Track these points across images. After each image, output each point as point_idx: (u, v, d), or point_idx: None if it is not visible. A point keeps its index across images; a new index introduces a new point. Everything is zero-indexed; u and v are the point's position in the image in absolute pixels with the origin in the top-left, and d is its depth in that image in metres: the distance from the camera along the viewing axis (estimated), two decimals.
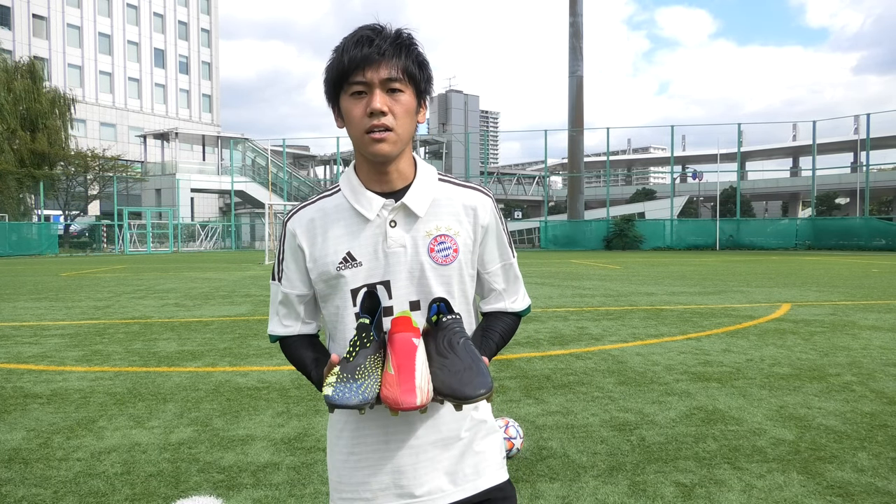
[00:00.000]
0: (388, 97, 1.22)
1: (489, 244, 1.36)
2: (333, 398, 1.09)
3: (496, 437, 1.38)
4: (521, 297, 1.44)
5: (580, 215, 39.81)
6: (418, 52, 1.27)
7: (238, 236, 45.35)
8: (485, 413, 1.37)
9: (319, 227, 1.32)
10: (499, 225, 1.38)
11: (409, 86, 1.25)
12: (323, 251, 1.31)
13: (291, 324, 1.40)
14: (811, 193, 42.19)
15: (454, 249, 1.30)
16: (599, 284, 13.46)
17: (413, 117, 1.27)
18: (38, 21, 53.44)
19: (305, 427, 3.84)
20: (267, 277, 15.97)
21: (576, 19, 39.37)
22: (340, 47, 1.24)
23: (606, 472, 3.12)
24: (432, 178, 1.34)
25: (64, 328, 7.79)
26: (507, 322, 1.41)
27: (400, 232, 1.29)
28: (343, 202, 1.32)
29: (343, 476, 1.33)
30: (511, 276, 1.41)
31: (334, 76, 1.25)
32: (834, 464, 3.20)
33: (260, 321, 8.24)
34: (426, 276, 1.29)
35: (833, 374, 5.15)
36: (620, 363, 5.57)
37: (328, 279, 1.31)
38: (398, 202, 1.29)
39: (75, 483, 3.04)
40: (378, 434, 1.30)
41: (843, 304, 9.81)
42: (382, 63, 1.21)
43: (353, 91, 1.23)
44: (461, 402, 1.10)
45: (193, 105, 65.69)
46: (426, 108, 1.32)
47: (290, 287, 1.37)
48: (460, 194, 1.34)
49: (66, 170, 40.41)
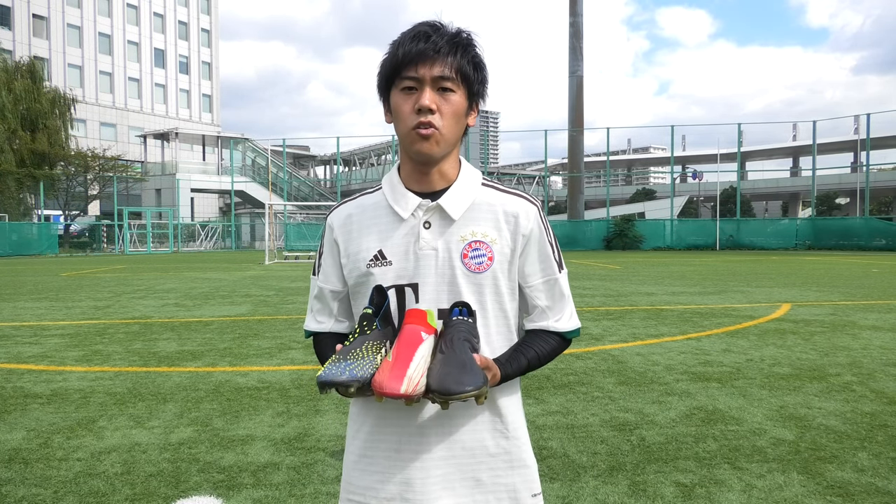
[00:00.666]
0: (438, 95, 1.19)
1: (531, 255, 1.29)
2: (321, 376, 1.07)
3: (524, 472, 1.28)
4: (568, 316, 1.32)
5: (580, 215, 39.80)
6: (475, 52, 1.23)
7: (238, 236, 45.34)
8: (513, 445, 1.28)
9: (356, 223, 1.31)
10: (543, 235, 1.30)
11: (462, 86, 1.21)
12: (356, 247, 1.29)
13: (324, 320, 1.38)
14: (811, 193, 42.19)
15: (489, 257, 1.24)
16: (599, 284, 13.46)
17: (462, 119, 1.24)
18: (39, 21, 53.43)
19: (305, 427, 3.84)
20: (267, 278, 15.99)
21: (576, 19, 39.36)
22: (397, 41, 1.21)
23: (606, 472, 3.12)
24: (475, 181, 1.29)
25: (64, 328, 7.79)
26: (546, 342, 1.30)
27: (433, 234, 1.25)
28: (382, 200, 1.30)
29: (353, 477, 1.30)
30: (556, 292, 1.31)
31: (387, 69, 1.22)
32: (834, 464, 3.20)
33: (260, 321, 8.24)
34: (457, 282, 1.24)
35: (833, 374, 5.15)
36: (620, 363, 5.57)
37: (359, 276, 1.29)
38: (434, 203, 1.25)
39: (75, 483, 3.04)
40: (391, 441, 1.26)
41: (843, 304, 9.81)
42: (437, 60, 1.18)
43: (404, 86, 1.20)
44: (445, 397, 1.06)
45: (193, 105, 65.68)
46: (477, 111, 1.28)
47: (325, 282, 1.36)
48: (502, 200, 1.28)
49: (66, 170, 40.40)
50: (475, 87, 1.24)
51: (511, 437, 1.29)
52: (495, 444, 1.27)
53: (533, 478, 1.29)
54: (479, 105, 1.28)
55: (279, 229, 37.68)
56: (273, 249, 25.77)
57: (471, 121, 1.27)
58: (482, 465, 1.26)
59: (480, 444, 1.26)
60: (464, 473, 1.25)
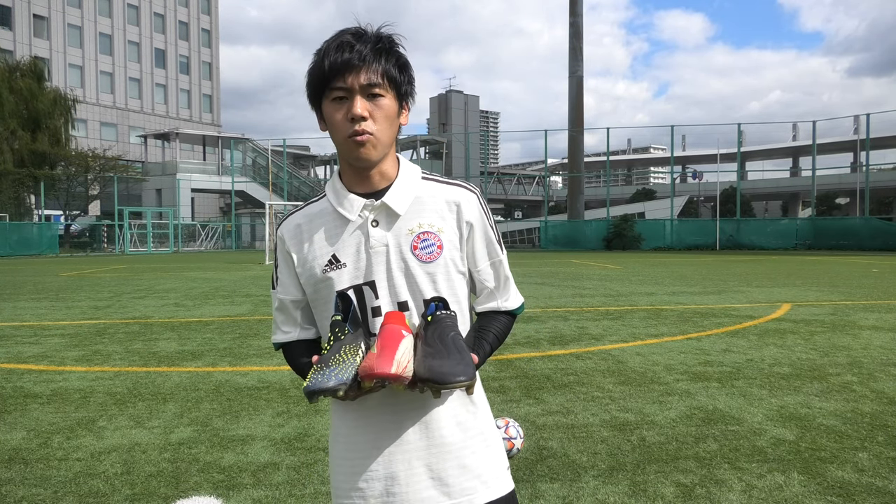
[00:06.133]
0: (368, 102, 1.22)
1: (476, 241, 1.34)
2: (308, 386, 1.10)
3: (497, 448, 1.35)
4: (513, 295, 1.41)
5: (580, 215, 39.81)
6: (399, 54, 1.27)
7: (238, 236, 45.34)
8: (484, 423, 1.34)
9: (306, 232, 1.34)
10: (485, 221, 1.35)
11: (391, 90, 1.25)
12: (310, 255, 1.32)
13: (290, 329, 1.40)
14: (811, 193, 42.19)
15: (438, 246, 1.29)
16: (599, 284, 13.46)
17: (395, 121, 1.28)
18: (39, 21, 53.45)
19: (305, 427, 3.84)
20: (267, 277, 15.98)
21: (576, 20, 39.37)
22: (322, 51, 1.24)
23: (606, 472, 3.12)
24: (415, 176, 1.33)
25: (64, 328, 7.80)
26: (501, 322, 1.38)
27: (382, 231, 1.29)
28: (327, 206, 1.34)
29: (339, 481, 1.32)
30: (501, 274, 1.38)
31: (316, 81, 1.25)
32: (834, 464, 3.20)
33: (260, 321, 8.24)
34: (412, 273, 1.27)
35: (833, 374, 5.15)
36: (620, 363, 5.57)
37: (316, 282, 1.32)
38: (378, 201, 1.29)
39: (75, 483, 3.04)
40: (369, 438, 1.28)
41: (843, 304, 9.81)
42: (363, 69, 1.21)
43: (335, 96, 1.23)
44: (439, 386, 1.09)
45: (194, 105, 65.69)
46: (408, 110, 1.32)
47: (284, 293, 1.39)
48: (443, 191, 1.33)
49: (66, 170, 40.41)
50: (403, 88, 1.28)
51: (480, 415, 1.34)
52: (470, 425, 1.31)
53: (503, 453, 1.36)
54: (409, 104, 1.32)
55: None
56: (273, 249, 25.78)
57: (403, 120, 1.31)
58: (465, 451, 1.29)
59: (458, 428, 1.30)
60: (445, 461, 1.27)
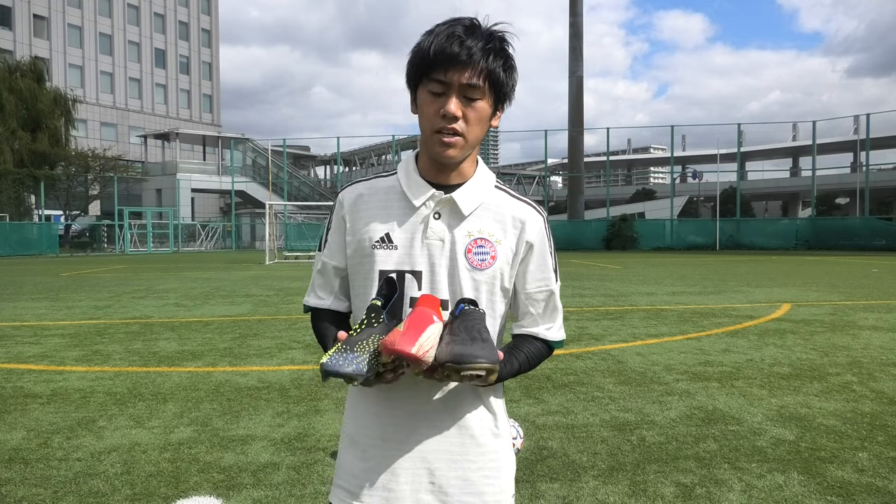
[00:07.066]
0: (463, 102, 1.19)
1: (532, 263, 1.31)
2: (326, 364, 1.07)
3: (507, 476, 1.30)
4: (558, 327, 1.35)
5: (580, 215, 39.78)
6: (508, 55, 1.22)
7: (238, 236, 45.32)
8: (501, 448, 1.30)
9: (366, 203, 1.31)
10: (545, 246, 1.32)
11: (490, 93, 1.21)
12: (364, 227, 1.30)
13: (325, 296, 1.38)
14: (811, 193, 42.17)
15: (492, 256, 1.26)
16: (599, 284, 13.45)
17: (486, 123, 1.24)
18: (39, 21, 53.41)
19: (305, 427, 3.84)
20: (267, 278, 15.99)
21: (576, 20, 39.35)
22: (431, 35, 1.19)
23: (606, 472, 3.12)
24: (489, 183, 1.31)
25: (64, 328, 7.79)
26: (536, 347, 1.32)
27: (442, 225, 1.26)
28: (395, 185, 1.31)
29: (343, 460, 1.32)
30: (550, 303, 1.33)
31: (417, 65, 1.21)
32: (834, 464, 3.20)
33: (260, 321, 8.24)
34: (458, 276, 1.25)
35: (833, 374, 5.15)
36: (620, 363, 5.57)
37: (362, 255, 1.29)
38: (447, 196, 1.26)
39: (75, 483, 3.04)
40: (377, 428, 1.28)
41: (843, 304, 9.81)
42: (468, 67, 1.16)
43: (432, 88, 1.20)
44: (459, 366, 1.06)
45: (194, 105, 65.66)
46: (502, 113, 1.28)
47: (330, 257, 1.36)
48: (512, 205, 1.30)
49: (66, 170, 40.40)
50: (503, 91, 1.23)
51: (501, 436, 1.31)
52: (485, 442, 1.28)
53: (512, 480, 1.32)
54: (504, 107, 1.28)
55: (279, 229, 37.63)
56: (273, 249, 25.73)
57: (495, 122, 1.27)
58: (473, 465, 1.26)
59: (472, 441, 1.27)
60: (451, 470, 1.25)
